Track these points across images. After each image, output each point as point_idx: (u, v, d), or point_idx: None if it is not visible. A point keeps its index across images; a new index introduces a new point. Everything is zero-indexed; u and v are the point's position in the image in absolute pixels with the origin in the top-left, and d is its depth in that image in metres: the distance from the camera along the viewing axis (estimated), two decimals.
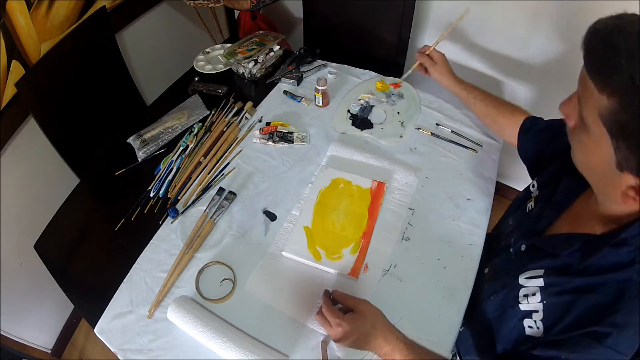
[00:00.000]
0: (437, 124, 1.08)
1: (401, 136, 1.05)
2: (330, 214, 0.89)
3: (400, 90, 1.17)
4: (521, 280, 0.63)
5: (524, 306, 0.61)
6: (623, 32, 0.44)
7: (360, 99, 1.15)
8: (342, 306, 0.70)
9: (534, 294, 0.60)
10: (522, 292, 0.63)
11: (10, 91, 1.10)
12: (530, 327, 0.60)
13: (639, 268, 0.51)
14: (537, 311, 0.59)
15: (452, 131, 1.05)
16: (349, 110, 1.13)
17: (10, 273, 1.23)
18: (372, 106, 1.13)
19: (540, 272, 0.61)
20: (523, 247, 0.68)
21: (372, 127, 1.08)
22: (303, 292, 0.79)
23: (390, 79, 1.20)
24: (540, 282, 0.60)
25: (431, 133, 1.05)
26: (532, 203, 0.75)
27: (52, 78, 1.14)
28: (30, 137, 1.21)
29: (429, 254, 0.83)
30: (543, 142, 0.82)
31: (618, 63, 0.43)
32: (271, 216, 0.91)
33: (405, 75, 1.12)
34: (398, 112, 1.11)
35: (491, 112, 0.95)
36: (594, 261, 0.55)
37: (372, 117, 1.11)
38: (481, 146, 1.02)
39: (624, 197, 0.50)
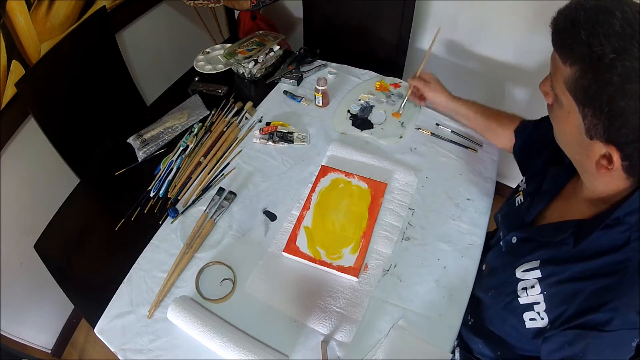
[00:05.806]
0: (437, 124, 1.08)
1: (401, 136, 1.05)
2: (330, 213, 0.89)
3: (400, 90, 1.17)
4: (518, 274, 0.64)
5: (523, 299, 0.62)
6: (584, 8, 0.49)
7: (360, 99, 1.15)
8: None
9: (532, 287, 0.61)
10: (520, 285, 0.63)
11: (10, 91, 1.10)
12: (532, 319, 0.60)
13: (637, 246, 0.51)
14: (538, 302, 0.59)
15: (452, 131, 1.05)
16: (349, 111, 1.13)
17: (10, 273, 1.23)
18: (372, 106, 1.13)
19: (536, 263, 0.61)
20: (514, 240, 0.69)
21: (372, 127, 1.08)
22: (303, 292, 0.79)
23: (390, 79, 1.20)
24: (537, 273, 0.61)
25: (431, 133, 1.05)
26: (520, 197, 0.76)
27: (52, 78, 1.14)
28: (30, 137, 1.21)
29: (429, 254, 0.83)
30: (532, 136, 0.84)
31: (578, 34, 0.48)
32: (271, 216, 0.91)
33: (402, 104, 1.09)
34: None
35: (492, 125, 0.94)
36: (589, 245, 0.55)
37: (372, 117, 1.11)
38: (481, 146, 1.02)
39: (598, 167, 0.52)
